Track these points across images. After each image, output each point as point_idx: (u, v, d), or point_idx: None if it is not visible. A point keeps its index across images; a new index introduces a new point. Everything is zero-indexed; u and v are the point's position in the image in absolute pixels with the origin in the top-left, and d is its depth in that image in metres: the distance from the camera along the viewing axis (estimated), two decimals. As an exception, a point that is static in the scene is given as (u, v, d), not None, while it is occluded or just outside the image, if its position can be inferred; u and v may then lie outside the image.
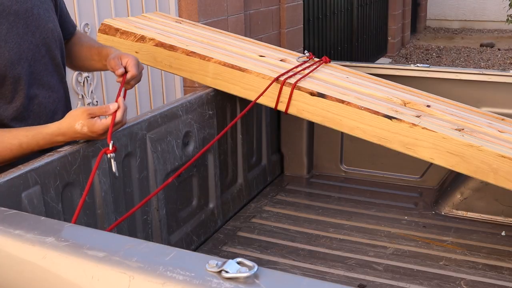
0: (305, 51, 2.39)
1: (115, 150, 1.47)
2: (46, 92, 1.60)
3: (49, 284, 0.99)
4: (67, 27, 1.78)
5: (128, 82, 1.65)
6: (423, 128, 1.86)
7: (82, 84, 2.81)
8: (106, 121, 1.49)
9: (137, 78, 1.67)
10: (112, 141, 1.46)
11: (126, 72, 1.63)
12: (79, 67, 1.95)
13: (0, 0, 1.48)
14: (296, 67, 2.20)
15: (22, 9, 1.53)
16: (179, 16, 3.51)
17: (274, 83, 2.06)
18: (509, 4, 8.84)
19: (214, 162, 2.23)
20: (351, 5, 6.71)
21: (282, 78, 2.06)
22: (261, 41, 2.73)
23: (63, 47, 1.69)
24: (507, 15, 8.92)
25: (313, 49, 5.62)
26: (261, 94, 2.05)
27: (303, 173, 2.86)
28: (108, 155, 1.46)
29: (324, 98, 1.99)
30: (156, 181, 1.88)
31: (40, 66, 1.58)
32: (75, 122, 1.47)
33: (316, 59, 2.36)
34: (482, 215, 2.39)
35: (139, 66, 1.68)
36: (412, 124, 1.87)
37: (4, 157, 1.46)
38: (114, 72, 1.65)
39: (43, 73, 1.59)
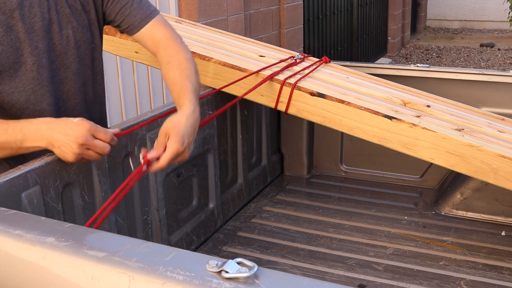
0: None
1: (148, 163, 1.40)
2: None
3: (49, 284, 0.99)
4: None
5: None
6: (423, 128, 1.86)
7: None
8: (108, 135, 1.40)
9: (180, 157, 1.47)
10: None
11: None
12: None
13: None
14: (290, 65, 2.21)
15: None
16: (179, 16, 3.51)
17: (273, 83, 2.07)
18: (510, 7, 8.84)
19: (214, 162, 2.23)
20: (351, 5, 6.71)
21: (278, 77, 2.06)
22: (261, 41, 2.73)
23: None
24: (509, 17, 8.92)
25: (313, 49, 5.62)
26: (250, 90, 2.05)
27: (303, 173, 2.86)
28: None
29: (324, 98, 1.99)
30: (156, 181, 1.88)
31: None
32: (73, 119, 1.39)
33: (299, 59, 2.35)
34: (482, 215, 2.39)
35: (182, 144, 1.45)
36: (412, 124, 1.87)
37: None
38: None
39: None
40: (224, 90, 2.15)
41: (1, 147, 1.39)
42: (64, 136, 1.36)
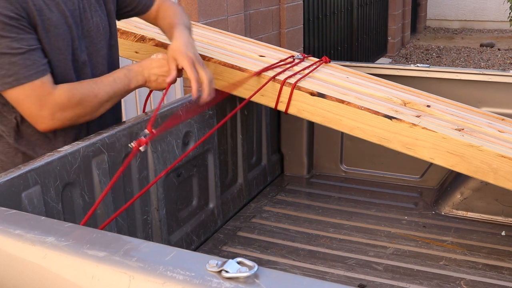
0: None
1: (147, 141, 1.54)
2: None
3: (49, 284, 0.99)
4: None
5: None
6: (423, 128, 1.86)
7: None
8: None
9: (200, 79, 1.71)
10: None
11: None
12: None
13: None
14: (288, 63, 2.21)
15: None
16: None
17: (273, 83, 2.07)
18: (510, 7, 8.85)
19: (214, 162, 2.23)
20: (351, 5, 6.71)
21: (278, 77, 2.06)
22: (261, 41, 2.73)
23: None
24: (510, 17, 8.92)
25: (313, 49, 5.62)
26: (257, 91, 2.05)
27: (303, 173, 2.86)
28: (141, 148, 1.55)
29: (324, 98, 1.99)
30: (156, 181, 1.88)
31: None
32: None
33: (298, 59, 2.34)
34: (482, 215, 2.39)
35: (197, 67, 1.70)
36: (412, 124, 1.87)
37: (106, 93, 1.61)
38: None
39: None
40: (225, 90, 2.15)
41: (113, 96, 1.64)
42: (157, 70, 1.71)
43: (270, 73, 2.09)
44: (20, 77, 1.46)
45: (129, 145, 1.65)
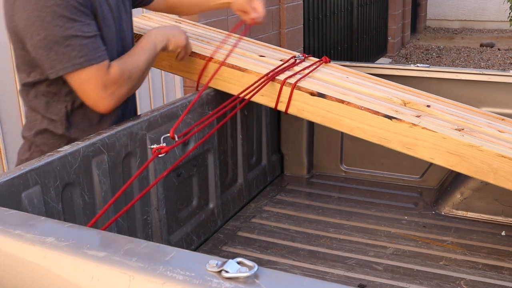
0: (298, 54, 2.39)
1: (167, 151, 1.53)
2: None
3: (49, 284, 0.99)
4: None
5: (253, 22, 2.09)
6: (423, 128, 1.86)
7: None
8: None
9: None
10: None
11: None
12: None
13: None
14: (291, 65, 2.20)
15: None
16: (179, 16, 3.51)
17: (273, 83, 2.07)
18: (510, 7, 8.85)
19: (214, 162, 2.23)
20: (351, 5, 6.71)
21: (278, 77, 2.06)
22: (261, 41, 2.73)
23: None
24: (510, 17, 8.92)
25: (313, 49, 5.62)
26: (257, 91, 2.05)
27: (303, 173, 2.86)
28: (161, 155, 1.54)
29: (324, 98, 1.99)
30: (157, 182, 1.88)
31: None
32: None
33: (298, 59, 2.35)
34: (482, 215, 2.39)
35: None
36: (412, 124, 1.87)
37: (144, 62, 1.72)
38: (240, 14, 2.13)
39: None
40: (224, 90, 2.15)
41: (148, 64, 1.74)
42: (168, 30, 1.87)
43: (271, 73, 2.09)
44: (90, 58, 1.56)
45: (149, 147, 1.72)
